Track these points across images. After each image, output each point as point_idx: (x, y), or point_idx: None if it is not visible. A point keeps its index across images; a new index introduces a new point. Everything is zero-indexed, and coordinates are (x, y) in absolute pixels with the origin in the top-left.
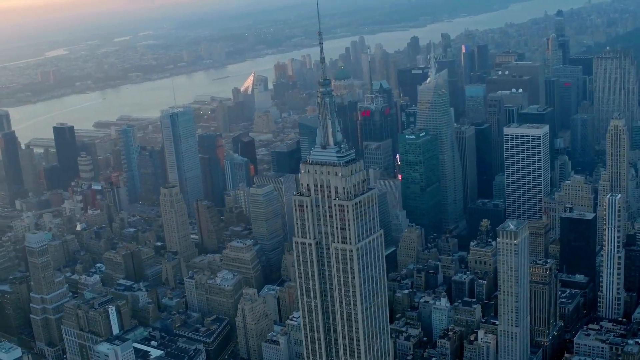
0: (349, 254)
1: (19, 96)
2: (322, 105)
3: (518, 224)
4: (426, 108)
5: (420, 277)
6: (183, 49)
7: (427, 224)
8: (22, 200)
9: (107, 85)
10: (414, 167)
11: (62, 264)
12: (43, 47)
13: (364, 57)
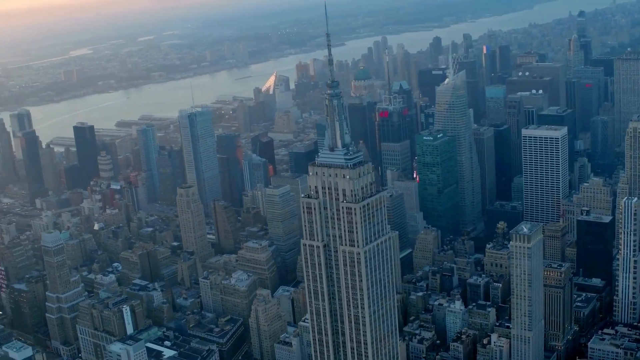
0: (357, 257)
1: (42, 95)
2: (330, 107)
3: (532, 227)
4: (444, 109)
5: (436, 279)
6: (206, 49)
7: (444, 226)
8: (42, 199)
9: (130, 85)
10: (431, 169)
11: (79, 263)
12: (67, 46)
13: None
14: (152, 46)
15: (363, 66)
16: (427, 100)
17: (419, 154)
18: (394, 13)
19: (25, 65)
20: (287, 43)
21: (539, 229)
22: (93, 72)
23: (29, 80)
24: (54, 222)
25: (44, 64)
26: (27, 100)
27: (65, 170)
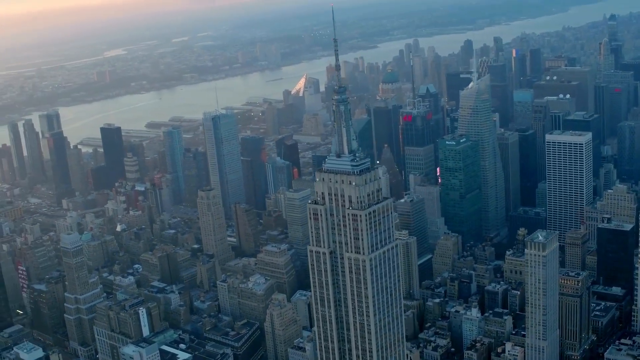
0: (362, 264)
1: (75, 95)
2: (336, 113)
3: (547, 235)
4: (468, 114)
5: (454, 285)
6: (239, 50)
7: (467, 232)
8: (69, 199)
9: (162, 86)
10: (453, 174)
11: (100, 264)
12: (102, 46)
13: (416, 60)
14: (186, 47)
15: (391, 69)
16: (453, 104)
17: (442, 159)
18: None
19: (59, 66)
20: (320, 45)
21: (554, 237)
22: (126, 73)
23: (62, 81)
24: (77, 223)
25: (78, 65)
26: (59, 100)
27: (92, 171)
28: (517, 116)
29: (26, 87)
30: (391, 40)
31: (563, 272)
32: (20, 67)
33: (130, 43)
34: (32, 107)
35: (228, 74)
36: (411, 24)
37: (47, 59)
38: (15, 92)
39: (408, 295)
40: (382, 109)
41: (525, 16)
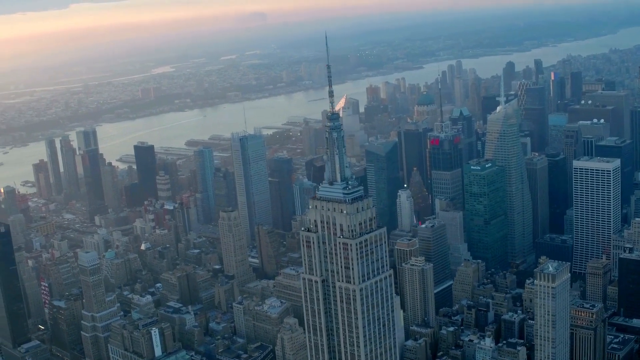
0: (352, 294)
1: (118, 112)
2: (329, 140)
3: (558, 265)
4: (495, 138)
5: (471, 314)
6: (284, 69)
7: (491, 258)
8: (101, 216)
9: (205, 104)
10: (478, 199)
11: (123, 282)
12: (150, 63)
13: (456, 82)
14: (232, 65)
15: (425, 91)
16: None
17: (466, 184)
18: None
19: (106, 82)
20: (365, 65)
21: (565, 268)
22: (171, 91)
23: (107, 97)
24: (105, 240)
25: (125, 81)
26: (103, 117)
27: (126, 189)
28: (552, 140)
29: (71, 103)
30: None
31: (578, 304)
32: (69, 83)
33: (179, 61)
34: (76, 122)
35: (272, 93)
36: (457, 45)
37: (95, 74)
38: (60, 108)
39: (423, 322)
40: (412, 131)
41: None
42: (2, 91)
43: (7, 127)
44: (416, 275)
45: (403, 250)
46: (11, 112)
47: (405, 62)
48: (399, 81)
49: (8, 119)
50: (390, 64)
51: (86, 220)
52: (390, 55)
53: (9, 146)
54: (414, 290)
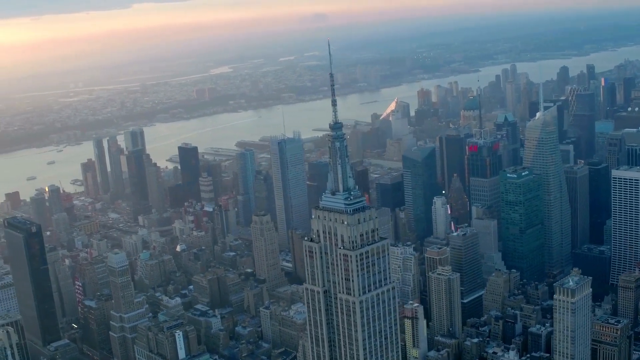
0: (352, 306)
1: (173, 112)
2: (332, 149)
3: (579, 280)
4: (533, 145)
5: (498, 325)
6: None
7: (526, 268)
8: (145, 216)
9: (259, 105)
10: (513, 208)
11: (157, 283)
12: (210, 64)
13: (508, 86)
14: (289, 67)
15: (472, 95)
16: None
17: (502, 192)
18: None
19: (163, 82)
20: (422, 67)
21: (586, 283)
22: (226, 91)
23: (163, 97)
24: (143, 240)
25: (182, 81)
26: (157, 116)
27: (170, 189)
28: (599, 148)
29: (127, 102)
30: (494, 65)
31: (603, 319)
32: (128, 82)
33: (238, 61)
34: (131, 122)
35: (326, 94)
36: (515, 48)
37: (155, 74)
38: (115, 107)
39: (448, 332)
40: (453, 137)
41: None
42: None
43: (62, 125)
44: (442, 284)
45: (433, 258)
46: (68, 111)
47: (462, 65)
48: (452, 84)
49: (64, 117)
50: (446, 67)
51: (130, 220)
52: (447, 58)
53: (63, 144)
54: (440, 300)
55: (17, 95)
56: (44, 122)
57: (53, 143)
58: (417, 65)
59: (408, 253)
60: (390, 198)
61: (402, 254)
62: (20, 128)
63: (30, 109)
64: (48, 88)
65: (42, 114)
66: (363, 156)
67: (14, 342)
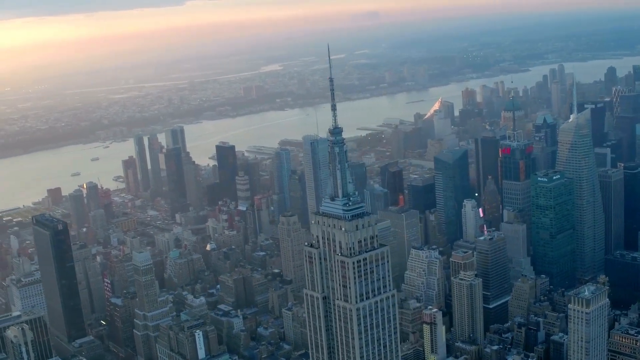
0: (349, 313)
1: (220, 109)
2: (331, 155)
3: (596, 290)
4: (566, 149)
5: (521, 332)
6: (387, 70)
7: (556, 274)
8: (182, 214)
9: (306, 103)
10: (544, 212)
11: (185, 282)
12: (260, 61)
13: (553, 86)
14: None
15: (513, 96)
16: None
17: (533, 196)
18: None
19: (212, 79)
20: (471, 66)
21: (603, 293)
22: (273, 89)
23: (210, 94)
24: (176, 239)
25: (231, 79)
26: (204, 114)
27: (207, 188)
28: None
29: (174, 100)
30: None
31: (623, 329)
32: (178, 80)
33: (289, 59)
34: (177, 119)
35: (373, 93)
36: (566, 48)
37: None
38: (163, 104)
39: (469, 339)
40: (489, 138)
41: None
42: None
43: (109, 122)
44: (464, 289)
45: (458, 262)
46: (115, 107)
47: (511, 64)
48: (497, 84)
49: (111, 113)
50: (496, 66)
51: (168, 217)
52: (497, 57)
53: (110, 141)
54: (462, 306)
55: (68, 91)
56: (91, 118)
57: (99, 139)
58: (467, 65)
59: (433, 257)
60: (421, 200)
61: (427, 257)
62: (68, 124)
63: (80, 105)
64: (99, 84)
65: (90, 111)
66: (404, 156)
67: (29, 339)
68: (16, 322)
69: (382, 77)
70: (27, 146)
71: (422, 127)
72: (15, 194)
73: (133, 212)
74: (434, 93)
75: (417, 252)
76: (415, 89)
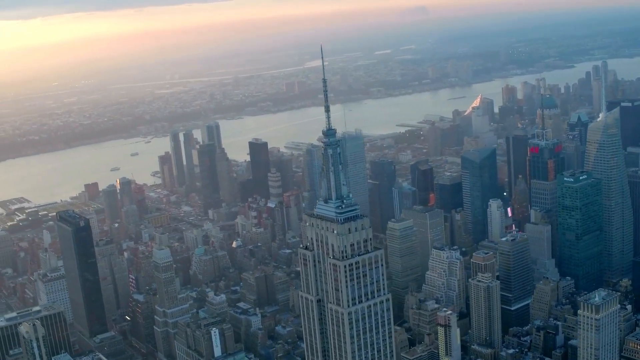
0: (341, 317)
1: (261, 105)
2: (324, 156)
3: (607, 295)
4: (594, 148)
5: (539, 336)
6: (431, 65)
7: (582, 276)
8: (214, 210)
9: (347, 99)
10: (570, 213)
11: (210, 279)
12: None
13: (594, 84)
14: (383, 61)
15: (549, 94)
16: None
17: (559, 196)
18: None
19: (256, 75)
20: (516, 62)
21: (614, 299)
22: (316, 85)
23: (253, 90)
24: (204, 235)
25: (275, 74)
26: (245, 109)
27: (240, 184)
28: None
29: (217, 95)
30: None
31: (637, 336)
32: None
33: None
34: (219, 114)
35: (415, 89)
36: (614, 44)
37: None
38: (205, 100)
39: (485, 342)
40: (520, 137)
41: None
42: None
43: (151, 117)
44: (481, 292)
45: (478, 264)
46: (158, 103)
47: (556, 60)
48: (538, 81)
49: (154, 109)
50: (541, 62)
51: (201, 213)
52: (542, 53)
53: (151, 136)
54: (479, 308)
55: (115, 86)
56: (133, 113)
57: (140, 134)
58: (511, 60)
59: (454, 257)
60: (449, 199)
61: (448, 257)
62: (110, 119)
63: (124, 100)
64: (146, 79)
65: (133, 106)
66: (441, 153)
67: (40, 335)
68: (36, 317)
69: (425, 73)
70: (69, 140)
71: (460, 124)
72: (55, 189)
73: (167, 208)
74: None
75: (437, 252)
76: (459, 85)
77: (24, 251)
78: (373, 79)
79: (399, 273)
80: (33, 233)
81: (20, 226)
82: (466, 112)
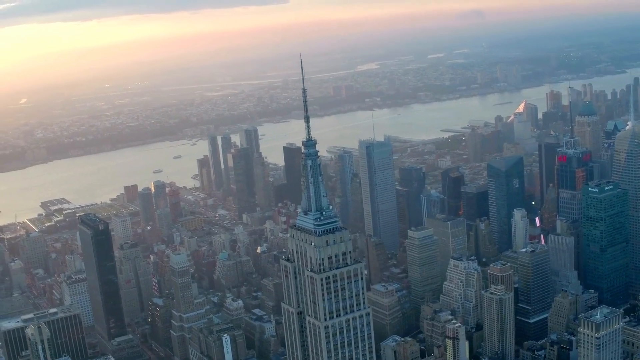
0: (318, 330)
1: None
2: (304, 168)
3: (609, 313)
4: (622, 158)
5: (553, 350)
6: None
7: (606, 289)
8: (248, 214)
9: (395, 104)
10: (594, 224)
11: (233, 284)
12: (358, 60)
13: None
14: (434, 65)
15: (588, 100)
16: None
17: (584, 207)
18: None
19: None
20: (566, 67)
21: (617, 317)
22: (364, 89)
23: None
24: (232, 240)
25: (324, 78)
26: (292, 113)
27: (275, 189)
28: None
29: (265, 98)
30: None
31: None
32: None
33: (386, 58)
34: (265, 117)
35: (463, 94)
36: None
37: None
38: (252, 103)
39: (496, 355)
40: (552, 144)
41: None
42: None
43: (197, 119)
44: (494, 304)
45: (495, 275)
46: (206, 105)
47: (608, 65)
48: (585, 87)
49: (201, 111)
50: (592, 68)
51: (235, 217)
52: (594, 58)
53: (196, 138)
54: (492, 320)
55: (166, 88)
56: (180, 115)
57: (186, 137)
58: (562, 65)
59: (472, 268)
60: (475, 207)
61: (466, 268)
62: (157, 121)
63: (173, 103)
64: (197, 82)
65: (181, 108)
66: (481, 159)
67: (45, 338)
68: (51, 318)
69: (474, 77)
70: (115, 142)
71: (502, 130)
72: (97, 190)
73: (203, 211)
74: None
75: (455, 263)
76: (508, 90)
77: (56, 252)
78: (422, 83)
79: (417, 282)
80: (68, 235)
81: (57, 227)
82: (509, 118)
